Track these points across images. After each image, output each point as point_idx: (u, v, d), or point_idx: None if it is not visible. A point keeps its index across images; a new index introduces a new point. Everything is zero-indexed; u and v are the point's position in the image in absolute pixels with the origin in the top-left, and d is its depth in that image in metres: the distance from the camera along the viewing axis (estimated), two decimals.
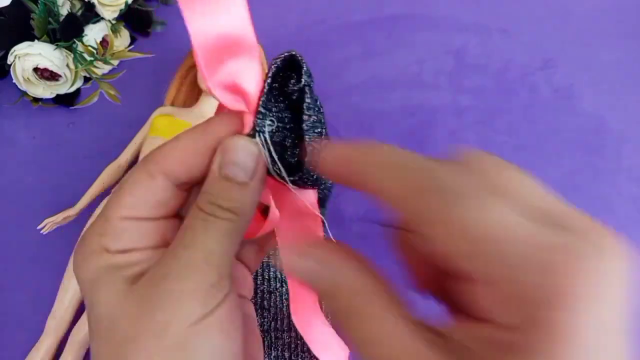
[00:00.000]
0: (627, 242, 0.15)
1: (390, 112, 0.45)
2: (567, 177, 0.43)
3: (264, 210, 0.25)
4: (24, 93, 0.44)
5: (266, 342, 0.38)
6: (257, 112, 0.21)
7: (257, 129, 0.21)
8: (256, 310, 0.39)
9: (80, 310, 0.38)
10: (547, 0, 0.50)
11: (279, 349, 0.38)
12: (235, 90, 0.22)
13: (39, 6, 0.42)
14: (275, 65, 0.22)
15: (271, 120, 0.22)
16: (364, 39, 0.48)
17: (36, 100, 0.45)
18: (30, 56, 0.42)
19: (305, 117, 0.22)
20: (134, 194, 0.22)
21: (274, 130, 0.22)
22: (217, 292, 0.20)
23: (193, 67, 0.45)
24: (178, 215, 0.23)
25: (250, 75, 0.22)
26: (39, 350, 0.37)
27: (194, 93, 0.45)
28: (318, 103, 0.24)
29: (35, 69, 0.43)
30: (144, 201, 0.22)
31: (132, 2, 0.46)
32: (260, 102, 0.22)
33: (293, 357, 0.38)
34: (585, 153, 0.44)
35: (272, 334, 0.39)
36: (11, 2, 0.42)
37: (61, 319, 0.38)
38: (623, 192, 0.42)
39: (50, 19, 0.43)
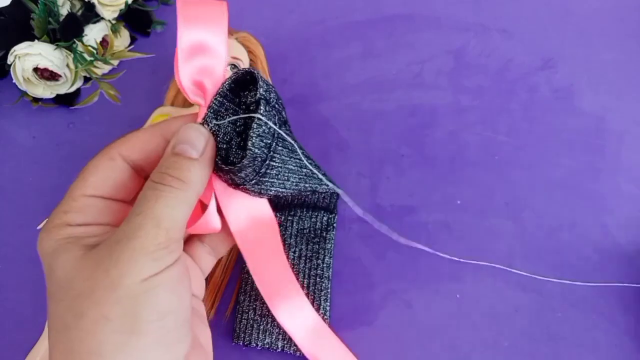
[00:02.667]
0: None
1: (390, 112, 0.45)
2: (567, 177, 0.43)
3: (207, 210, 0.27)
4: (24, 93, 0.44)
5: None
6: (209, 107, 0.25)
7: (207, 119, 0.25)
8: None
9: None
10: (547, 0, 0.50)
11: None
12: (198, 85, 0.26)
13: (39, 6, 0.42)
14: (236, 74, 0.26)
15: (221, 117, 0.26)
16: (364, 39, 0.48)
17: (36, 100, 0.45)
18: (30, 56, 0.42)
19: (254, 126, 0.25)
20: (96, 174, 0.24)
21: (221, 127, 0.26)
22: (166, 253, 0.22)
23: None
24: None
25: (213, 77, 0.26)
26: (39, 350, 0.37)
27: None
28: (277, 119, 0.27)
29: (35, 69, 0.43)
30: (105, 181, 0.24)
31: (132, 2, 0.46)
32: (214, 100, 0.26)
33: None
34: (585, 153, 0.44)
35: None
36: (11, 2, 0.42)
37: None
38: (623, 192, 0.42)
39: (50, 19, 0.43)
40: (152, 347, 0.21)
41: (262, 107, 0.25)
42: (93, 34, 0.44)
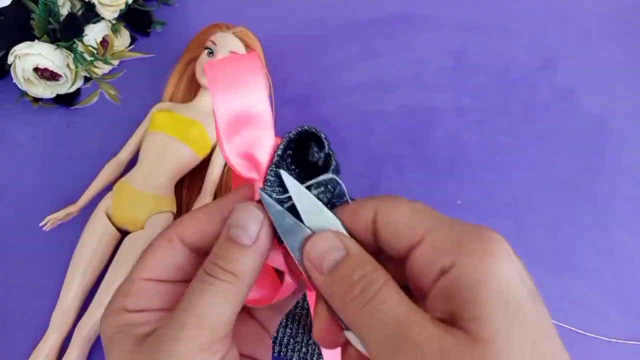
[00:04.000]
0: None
1: (390, 112, 0.45)
2: (567, 177, 0.43)
3: (282, 276, 0.25)
4: (24, 93, 0.44)
5: None
6: (265, 181, 0.23)
7: (264, 198, 0.22)
8: None
9: (84, 305, 0.38)
10: (547, 0, 0.50)
11: None
12: (249, 159, 0.23)
13: (39, 6, 0.42)
14: (288, 137, 0.23)
15: (281, 189, 0.23)
16: (364, 39, 0.48)
17: (36, 100, 0.45)
18: (31, 56, 0.42)
19: (329, 187, 0.23)
20: (155, 256, 0.23)
21: (284, 200, 0.23)
22: (209, 355, 0.20)
23: (191, 62, 0.45)
24: None
25: (264, 147, 0.23)
26: (44, 347, 0.37)
27: (192, 88, 0.45)
28: (336, 176, 0.24)
29: (36, 69, 0.43)
30: (163, 264, 0.23)
31: (132, 2, 0.46)
32: (269, 171, 0.23)
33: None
34: (585, 153, 0.44)
35: None
36: (11, 2, 0.42)
37: (65, 315, 0.38)
38: (623, 192, 0.42)
39: (50, 19, 0.43)
40: None
41: (333, 162, 0.23)
42: (93, 34, 0.44)
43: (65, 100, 0.46)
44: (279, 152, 0.23)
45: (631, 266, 0.40)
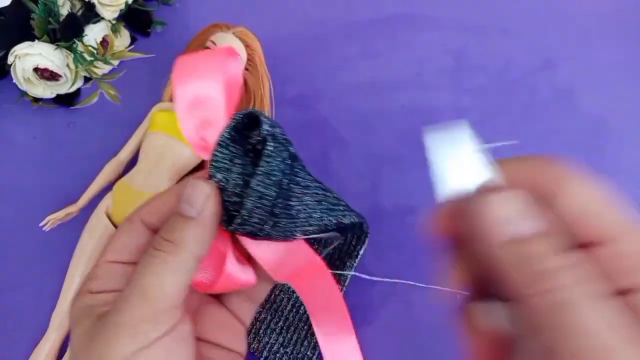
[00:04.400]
0: None
1: (390, 112, 0.45)
2: None
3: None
4: (24, 93, 0.44)
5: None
6: (211, 160, 0.24)
7: (212, 173, 0.23)
8: None
9: None
10: (547, 0, 0.50)
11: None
12: (203, 140, 0.26)
13: (39, 6, 0.42)
14: (234, 120, 0.24)
15: (228, 170, 0.24)
16: (364, 39, 0.48)
17: (36, 100, 0.45)
18: (31, 56, 0.42)
19: (261, 164, 0.23)
20: (118, 239, 0.24)
21: (229, 178, 0.24)
22: (153, 326, 0.21)
23: None
24: None
25: (215, 130, 0.25)
26: (44, 347, 0.37)
27: None
28: (287, 155, 0.25)
29: (36, 69, 0.43)
30: (126, 246, 0.24)
31: (132, 2, 0.46)
32: (215, 152, 0.24)
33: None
34: (585, 153, 0.44)
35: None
36: (11, 2, 0.42)
37: (65, 315, 0.38)
38: (623, 192, 0.42)
39: (50, 19, 0.43)
40: None
41: (270, 144, 0.24)
42: (93, 34, 0.44)
43: (65, 100, 0.46)
44: (224, 133, 0.24)
45: None
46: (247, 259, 0.26)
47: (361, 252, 0.39)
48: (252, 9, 0.50)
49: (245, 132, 0.25)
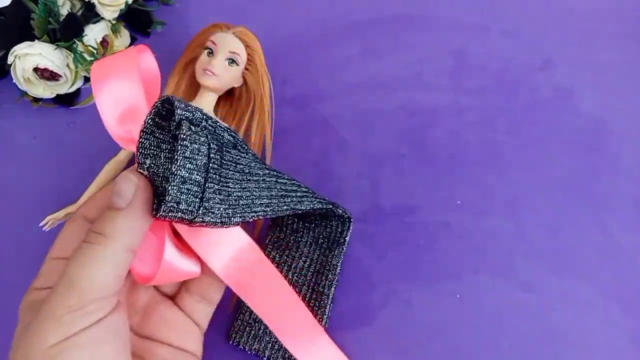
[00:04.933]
0: None
1: (390, 112, 0.45)
2: (567, 177, 0.43)
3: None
4: (24, 93, 0.44)
5: None
6: (138, 147, 0.24)
7: (140, 163, 0.24)
8: None
9: None
10: (547, 0, 0.50)
11: None
12: (127, 133, 0.26)
13: (39, 6, 0.42)
14: (154, 107, 0.24)
15: (155, 155, 0.24)
16: (364, 39, 0.48)
17: (36, 100, 0.45)
18: (31, 56, 0.42)
19: (178, 148, 0.23)
20: (62, 237, 0.25)
21: (159, 166, 0.24)
22: (80, 316, 0.21)
23: (191, 62, 0.45)
24: None
25: (138, 122, 0.25)
26: None
27: (192, 88, 0.45)
28: (214, 139, 0.25)
29: (36, 69, 0.43)
30: (69, 242, 0.24)
31: (132, 2, 0.46)
32: (140, 140, 0.24)
33: None
34: (585, 153, 0.44)
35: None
36: (11, 2, 0.42)
37: None
38: (623, 192, 0.42)
39: (50, 19, 0.43)
40: None
41: (184, 128, 0.23)
42: (93, 34, 0.44)
43: (65, 100, 0.46)
44: (147, 120, 0.24)
45: (631, 266, 0.40)
46: (189, 249, 0.26)
47: (347, 238, 0.39)
48: (252, 9, 0.50)
49: (169, 118, 0.25)
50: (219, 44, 0.42)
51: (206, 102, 0.43)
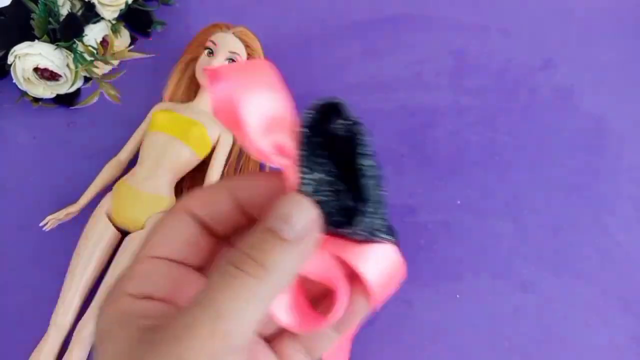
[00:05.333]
0: None
1: (390, 112, 0.45)
2: (567, 177, 0.43)
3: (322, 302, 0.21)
4: (24, 93, 0.44)
5: None
6: (301, 164, 0.20)
7: (303, 181, 0.20)
8: None
9: (84, 305, 0.38)
10: (547, 0, 0.50)
11: None
12: (279, 148, 0.22)
13: (39, 6, 0.42)
14: (308, 114, 0.21)
15: (312, 169, 0.21)
16: (364, 39, 0.48)
17: (36, 100, 0.45)
18: (31, 56, 0.42)
19: (361, 144, 0.20)
20: (164, 232, 0.20)
21: (320, 183, 0.21)
22: None
23: (191, 62, 0.45)
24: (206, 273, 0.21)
25: (289, 132, 0.22)
26: (44, 347, 0.37)
27: (192, 88, 0.45)
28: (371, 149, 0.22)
29: (36, 69, 0.43)
30: (174, 240, 0.20)
31: (132, 2, 0.46)
32: (303, 153, 0.20)
33: None
34: (585, 153, 0.44)
35: None
36: (11, 2, 0.42)
37: (65, 315, 0.38)
38: (623, 192, 0.42)
39: (50, 19, 0.43)
40: None
41: (361, 134, 0.21)
42: (93, 34, 0.44)
43: (65, 100, 0.46)
44: (306, 131, 0.21)
45: (631, 266, 0.40)
46: (309, 299, 0.22)
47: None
48: (252, 9, 0.50)
49: (322, 124, 0.22)
50: (219, 43, 0.42)
51: (206, 102, 0.43)
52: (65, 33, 0.43)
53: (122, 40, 0.48)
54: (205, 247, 0.21)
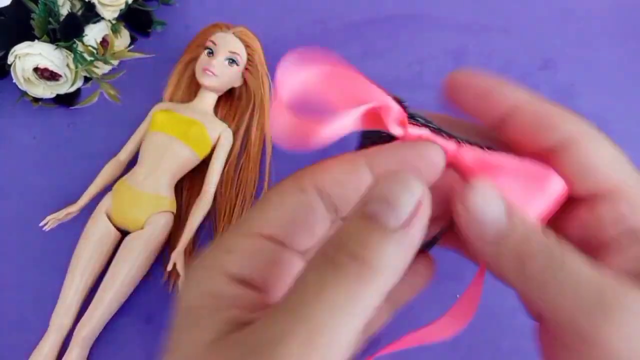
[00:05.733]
0: None
1: None
2: None
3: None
4: (24, 93, 0.44)
5: None
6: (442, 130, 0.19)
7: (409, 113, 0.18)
8: None
9: (84, 305, 0.38)
10: (547, 0, 0.50)
11: None
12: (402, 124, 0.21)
13: (39, 6, 0.42)
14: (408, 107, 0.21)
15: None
16: (364, 39, 0.48)
17: (36, 100, 0.45)
18: (31, 56, 0.42)
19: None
20: (280, 208, 0.17)
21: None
22: None
23: (191, 62, 0.45)
24: None
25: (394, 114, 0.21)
26: (44, 347, 0.37)
27: (192, 88, 0.45)
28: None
29: (36, 69, 0.43)
30: (289, 218, 0.17)
31: (132, 2, 0.46)
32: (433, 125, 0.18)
33: None
34: None
35: None
36: (11, 2, 0.42)
37: (65, 315, 0.38)
38: None
39: (50, 19, 0.43)
40: None
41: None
42: (93, 34, 0.44)
43: (65, 100, 0.46)
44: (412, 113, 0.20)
45: None
46: None
47: None
48: (252, 9, 0.50)
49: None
50: (219, 44, 0.42)
51: (206, 102, 0.43)
52: (65, 33, 0.43)
53: (122, 40, 0.48)
54: (324, 235, 0.18)
